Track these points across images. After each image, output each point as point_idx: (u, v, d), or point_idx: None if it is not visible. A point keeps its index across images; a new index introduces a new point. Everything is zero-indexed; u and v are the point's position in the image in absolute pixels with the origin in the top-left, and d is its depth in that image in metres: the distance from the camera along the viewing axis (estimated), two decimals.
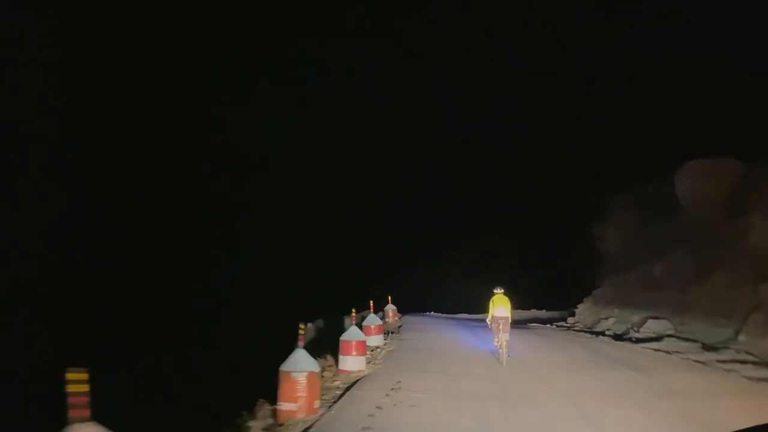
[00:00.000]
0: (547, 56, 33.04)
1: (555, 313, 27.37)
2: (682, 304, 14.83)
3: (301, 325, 7.36)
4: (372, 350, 10.87)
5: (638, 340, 12.82)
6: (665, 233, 17.49)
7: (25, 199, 26.53)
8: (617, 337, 14.14)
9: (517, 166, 34.05)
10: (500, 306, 10.11)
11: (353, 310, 12.44)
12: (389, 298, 19.27)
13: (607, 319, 17.03)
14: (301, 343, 6.81)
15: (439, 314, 27.40)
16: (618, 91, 26.85)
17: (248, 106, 35.84)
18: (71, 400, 3.17)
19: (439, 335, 14.80)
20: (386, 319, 18.32)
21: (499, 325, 9.91)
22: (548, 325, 19.27)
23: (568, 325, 19.01)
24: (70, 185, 29.18)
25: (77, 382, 3.20)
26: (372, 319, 12.19)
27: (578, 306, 21.64)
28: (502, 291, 10.36)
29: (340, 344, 9.43)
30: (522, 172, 33.98)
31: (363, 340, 9.68)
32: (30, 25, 27.24)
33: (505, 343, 9.86)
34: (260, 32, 37.49)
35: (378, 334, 12.04)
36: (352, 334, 9.56)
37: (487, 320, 10.38)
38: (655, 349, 11.17)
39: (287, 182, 37.23)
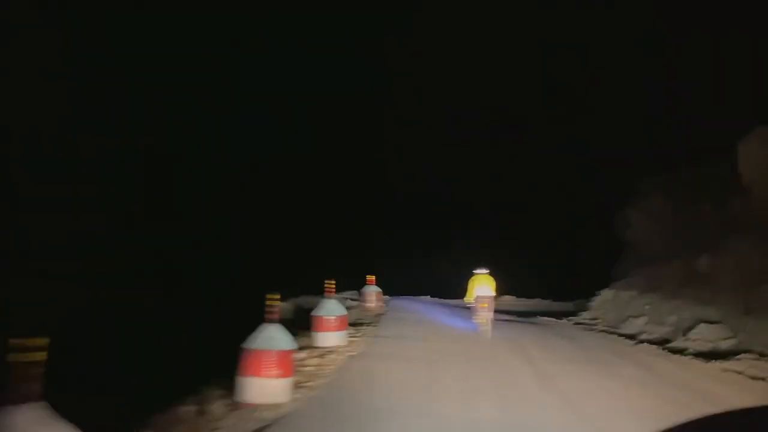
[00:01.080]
0: None
1: (564, 305, 24.61)
2: (739, 306, 11.68)
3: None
4: (320, 357, 7.47)
5: (699, 354, 9.59)
6: (714, 219, 14.30)
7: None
8: (660, 344, 10.94)
9: (530, 141, 31.20)
10: (485, 284, 10.10)
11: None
12: (371, 278, 16.10)
13: (637, 317, 13.87)
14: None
15: (435, 299, 24.72)
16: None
17: None
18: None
19: (437, 330, 11.59)
20: (366, 303, 15.36)
21: (483, 303, 9.94)
22: (563, 320, 16.15)
23: (588, 321, 15.85)
24: None
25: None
26: (329, 307, 8.35)
27: (594, 298, 18.65)
28: (488, 271, 10.35)
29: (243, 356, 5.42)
30: (534, 147, 31.10)
31: (284, 351, 5.46)
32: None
33: (486, 320, 10.01)
34: (260, 30, 36.52)
35: (338, 329, 8.49)
36: (266, 338, 5.39)
37: (465, 299, 10.46)
38: (738, 372, 7.92)
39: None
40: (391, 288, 26.96)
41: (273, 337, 5.40)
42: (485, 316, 10.02)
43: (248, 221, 32.90)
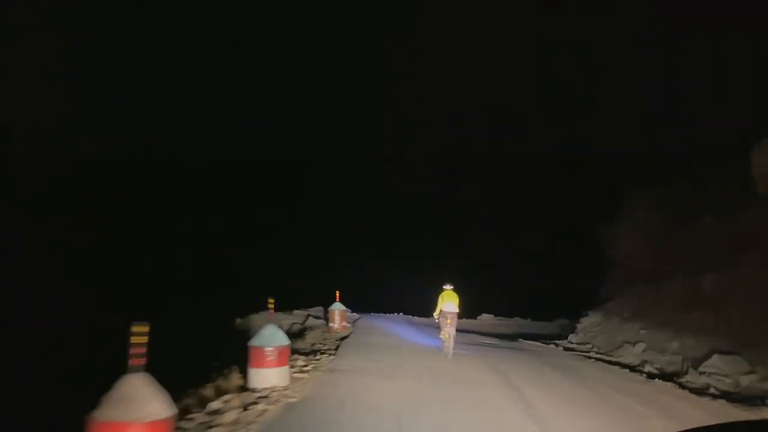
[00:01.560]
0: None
1: (545, 326, 23.12)
2: (753, 333, 10.13)
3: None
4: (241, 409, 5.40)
5: (725, 394, 7.90)
6: (718, 233, 12.81)
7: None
8: (669, 378, 9.25)
9: (508, 154, 29.90)
10: (449, 301, 10.37)
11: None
12: (337, 293, 14.58)
13: (634, 344, 12.21)
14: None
15: (410, 316, 23.27)
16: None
17: None
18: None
19: (407, 361, 9.65)
20: (331, 324, 13.58)
21: (447, 320, 10.26)
22: (551, 345, 14.44)
23: (577, 347, 14.17)
24: None
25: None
26: (267, 335, 6.44)
27: (581, 320, 17.05)
28: (452, 287, 10.56)
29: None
30: (512, 161, 29.80)
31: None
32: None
33: (451, 337, 10.27)
34: (259, 30, 36.56)
35: (278, 364, 6.44)
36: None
37: (434, 314, 10.61)
38: None
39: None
40: (363, 304, 25.61)
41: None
42: (448, 332, 10.31)
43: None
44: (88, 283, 24.03)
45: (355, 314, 21.70)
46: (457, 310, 10.31)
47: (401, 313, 25.53)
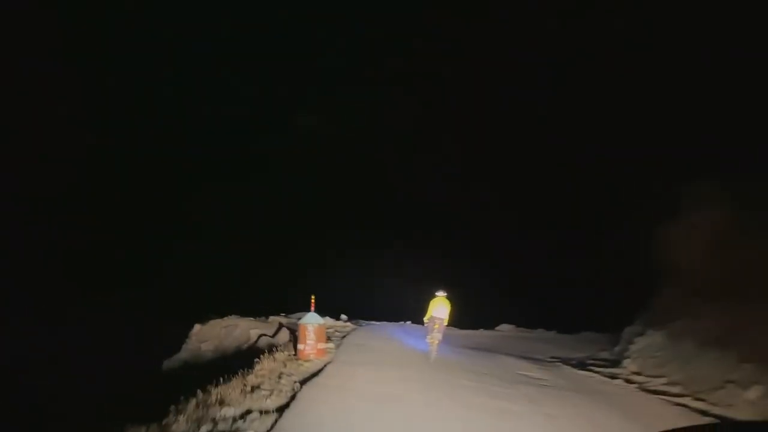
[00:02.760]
0: None
1: (572, 340, 20.38)
2: None
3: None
4: None
5: None
6: None
7: None
8: None
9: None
10: (441, 306, 10.91)
11: None
12: (311, 299, 10.76)
13: (747, 388, 9.40)
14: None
15: (418, 326, 18.63)
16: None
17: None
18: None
19: None
20: (301, 347, 10.20)
21: (435, 325, 10.85)
22: (617, 381, 11.70)
23: (651, 381, 11.42)
24: None
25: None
26: None
27: (634, 340, 14.35)
28: (445, 294, 11.09)
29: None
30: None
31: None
32: None
33: (436, 342, 10.92)
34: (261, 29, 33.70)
35: None
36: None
37: (425, 319, 11.05)
38: None
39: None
40: (365, 310, 22.39)
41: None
42: (435, 337, 10.89)
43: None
44: (88, 283, 24.33)
45: (349, 323, 18.26)
46: (445, 316, 10.87)
47: (409, 322, 21.23)
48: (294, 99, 33.54)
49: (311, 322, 10.22)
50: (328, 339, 12.43)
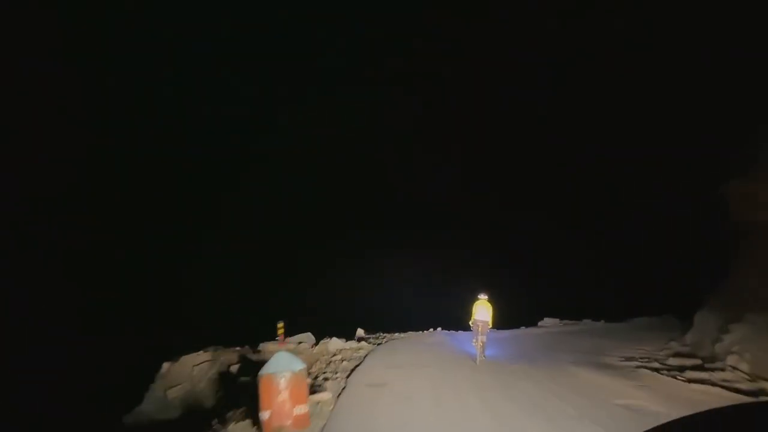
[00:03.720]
0: None
1: (623, 327, 18.49)
2: None
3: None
4: None
5: None
6: None
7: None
8: None
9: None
10: (482, 309, 11.30)
11: None
12: (279, 327, 7.44)
13: None
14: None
15: (450, 333, 17.39)
16: None
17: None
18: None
19: None
20: (263, 415, 6.27)
21: (478, 328, 11.15)
22: (733, 394, 8.13)
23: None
24: None
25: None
26: None
27: (725, 336, 10.67)
28: (486, 297, 11.45)
29: None
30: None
31: None
32: None
33: (481, 344, 11.14)
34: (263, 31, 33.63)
35: None
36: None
37: (470, 322, 11.38)
38: None
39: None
40: (374, 317, 19.88)
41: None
42: (480, 339, 11.14)
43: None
44: (88, 283, 24.56)
45: (364, 342, 14.93)
46: (488, 319, 11.17)
47: (440, 329, 18.22)
48: (294, 99, 33.28)
49: (281, 369, 6.30)
50: (326, 379, 9.37)
